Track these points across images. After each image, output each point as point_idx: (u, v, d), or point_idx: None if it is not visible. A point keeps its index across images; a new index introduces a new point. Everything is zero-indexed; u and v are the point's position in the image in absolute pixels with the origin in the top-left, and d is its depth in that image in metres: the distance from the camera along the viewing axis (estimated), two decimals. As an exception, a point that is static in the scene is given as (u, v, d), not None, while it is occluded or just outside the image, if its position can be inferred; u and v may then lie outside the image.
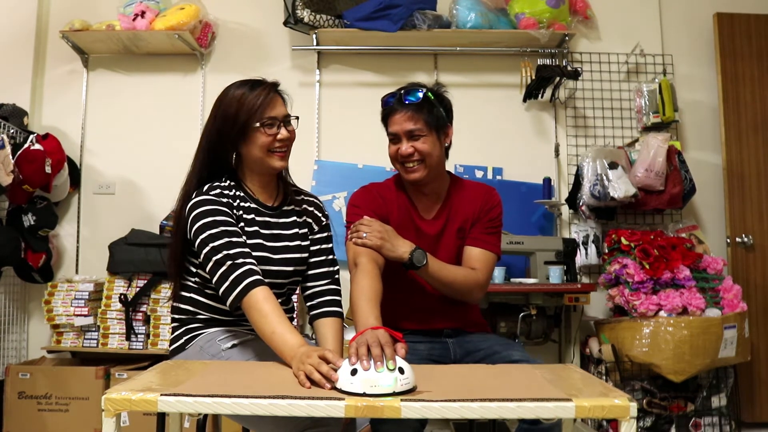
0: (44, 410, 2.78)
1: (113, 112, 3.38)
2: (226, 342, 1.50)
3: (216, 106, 1.57)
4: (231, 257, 1.43)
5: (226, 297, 1.42)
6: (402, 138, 1.70)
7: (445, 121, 1.75)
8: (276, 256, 1.56)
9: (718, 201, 3.34)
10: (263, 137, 1.52)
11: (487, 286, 1.79)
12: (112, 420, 1.04)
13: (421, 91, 1.70)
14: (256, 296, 1.39)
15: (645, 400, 2.70)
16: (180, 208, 1.56)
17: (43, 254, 3.06)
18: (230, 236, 1.46)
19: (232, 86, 1.56)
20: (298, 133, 1.63)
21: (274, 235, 1.58)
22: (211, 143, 1.56)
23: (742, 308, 2.71)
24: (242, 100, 1.51)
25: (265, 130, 1.51)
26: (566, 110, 3.40)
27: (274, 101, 1.54)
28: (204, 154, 1.58)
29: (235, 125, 1.51)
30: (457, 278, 1.70)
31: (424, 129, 1.69)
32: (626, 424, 1.02)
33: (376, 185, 1.85)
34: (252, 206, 1.58)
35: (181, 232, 1.53)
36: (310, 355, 1.19)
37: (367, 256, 1.61)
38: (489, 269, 1.77)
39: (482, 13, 3.19)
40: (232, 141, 1.53)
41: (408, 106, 1.69)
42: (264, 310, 1.37)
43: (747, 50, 3.35)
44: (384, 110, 1.76)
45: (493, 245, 1.78)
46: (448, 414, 1.02)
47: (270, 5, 3.37)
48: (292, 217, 1.64)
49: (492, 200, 1.81)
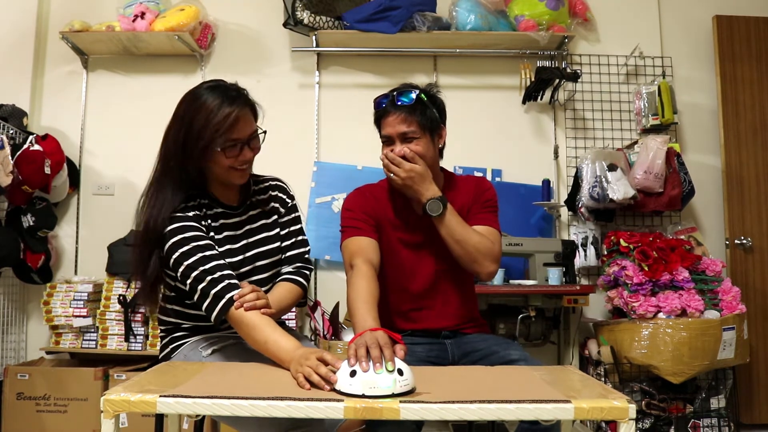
0: (43, 411, 2.77)
1: (113, 113, 3.38)
2: (207, 349, 1.51)
3: (183, 110, 1.47)
4: (208, 272, 1.41)
5: (210, 313, 1.42)
6: (395, 140, 1.69)
7: (438, 122, 1.73)
8: (250, 253, 1.57)
9: (717, 203, 3.34)
10: (224, 159, 1.47)
11: (500, 260, 1.74)
12: (111, 421, 1.04)
13: (414, 92, 1.67)
14: (237, 312, 1.38)
15: (644, 401, 2.70)
16: (148, 221, 1.47)
17: (42, 255, 3.06)
18: (203, 251, 1.44)
19: (204, 92, 1.47)
20: (298, 135, 1.63)
21: (243, 234, 1.58)
22: (174, 156, 1.48)
23: (741, 310, 2.71)
24: (209, 119, 1.43)
25: (227, 153, 1.46)
26: (565, 112, 3.40)
27: (242, 120, 1.46)
28: (168, 166, 1.50)
29: (196, 146, 1.44)
30: (472, 239, 1.66)
31: (418, 131, 1.67)
32: (625, 426, 1.02)
33: (369, 186, 1.84)
34: (218, 211, 1.56)
35: (150, 249, 1.47)
36: (308, 357, 1.19)
37: (362, 257, 1.61)
38: (499, 242, 1.74)
39: (482, 15, 3.19)
40: (194, 159, 1.46)
41: (401, 108, 1.67)
42: (251, 322, 1.37)
43: (746, 53, 3.35)
44: (376, 113, 1.73)
45: (495, 222, 1.77)
46: (447, 415, 1.02)
47: (270, 7, 3.37)
48: (256, 209, 1.63)
49: (483, 185, 1.82)
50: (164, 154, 1.51)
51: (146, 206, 1.51)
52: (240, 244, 1.57)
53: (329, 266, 3.25)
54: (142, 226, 1.49)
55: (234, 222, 1.58)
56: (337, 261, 3.05)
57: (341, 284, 1.72)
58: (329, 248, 3.09)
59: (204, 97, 1.46)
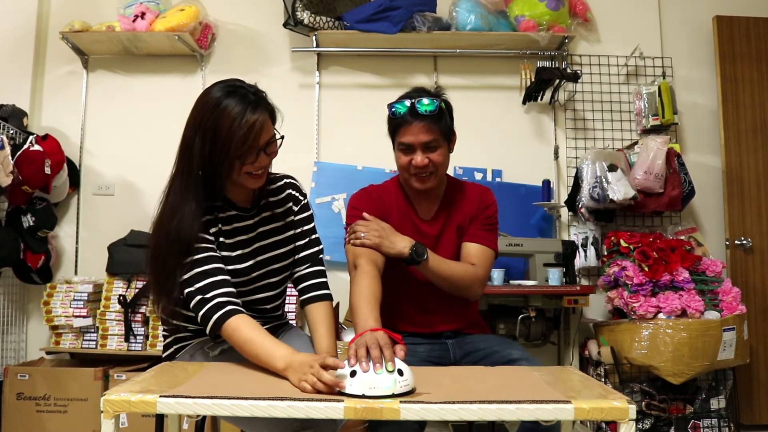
0: (43, 411, 2.77)
1: (113, 113, 3.38)
2: (214, 349, 1.51)
3: (202, 118, 1.41)
4: (200, 291, 1.40)
5: (204, 328, 1.41)
6: (417, 149, 1.67)
7: (452, 130, 1.75)
8: (261, 257, 1.55)
9: (717, 203, 3.34)
10: (241, 167, 1.45)
11: (486, 281, 1.78)
12: (111, 421, 1.04)
13: (436, 100, 1.66)
14: (227, 330, 1.37)
15: (644, 402, 2.70)
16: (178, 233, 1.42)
17: (42, 255, 3.06)
18: (201, 265, 1.42)
19: (223, 97, 1.41)
20: (298, 135, 1.63)
21: (255, 237, 1.56)
22: (201, 167, 1.43)
23: (741, 310, 2.71)
24: (233, 129, 1.38)
25: (245, 161, 1.44)
26: (566, 112, 3.40)
27: (264, 129, 1.44)
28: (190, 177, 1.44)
29: (224, 157, 1.40)
30: (457, 273, 1.69)
31: (440, 139, 1.67)
32: (625, 426, 1.02)
33: (375, 187, 1.85)
34: (231, 214, 1.53)
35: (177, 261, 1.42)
36: (311, 365, 1.16)
37: (366, 257, 1.61)
38: (488, 265, 1.77)
39: (482, 15, 3.20)
40: (219, 169, 1.43)
41: (423, 117, 1.65)
42: (240, 339, 1.34)
43: (746, 53, 3.36)
44: (395, 120, 1.70)
45: (491, 242, 1.78)
46: (447, 416, 1.02)
47: (270, 7, 3.37)
48: (270, 210, 1.61)
49: (488, 199, 1.82)
50: (186, 165, 1.45)
51: (173, 218, 1.43)
52: (251, 248, 1.55)
53: (329, 266, 3.18)
54: (167, 237, 1.42)
55: (246, 225, 1.56)
56: (336, 261, 3.04)
57: (341, 284, 1.72)
58: (329, 248, 3.06)
59: (224, 103, 1.40)
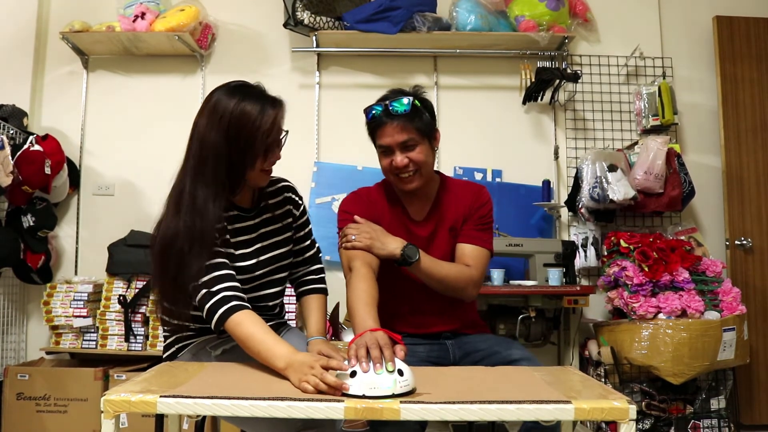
0: (43, 411, 2.77)
1: (113, 114, 3.37)
2: (216, 349, 1.51)
3: (220, 119, 1.42)
4: (205, 285, 1.40)
5: (209, 323, 1.41)
6: (395, 150, 1.66)
7: (432, 126, 1.72)
8: (264, 257, 1.56)
9: (717, 203, 3.34)
10: (262, 163, 1.47)
11: (481, 282, 1.76)
12: (111, 421, 1.04)
13: (407, 98, 1.64)
14: (230, 325, 1.37)
15: (644, 402, 2.70)
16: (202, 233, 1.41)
17: (42, 255, 3.06)
18: (206, 259, 1.41)
19: (237, 97, 1.43)
20: (298, 135, 1.62)
21: (257, 237, 1.57)
22: (224, 168, 1.44)
23: (741, 311, 2.71)
24: (255, 126, 1.41)
25: (268, 156, 1.47)
26: (566, 113, 3.40)
27: (281, 122, 1.48)
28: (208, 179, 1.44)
29: (247, 154, 1.42)
30: (450, 274, 1.68)
31: (417, 138, 1.66)
32: (625, 427, 1.02)
33: (365, 190, 1.83)
34: (233, 214, 1.54)
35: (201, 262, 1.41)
36: (312, 366, 1.16)
37: (361, 259, 1.61)
38: (482, 266, 1.75)
39: (482, 15, 3.19)
40: (240, 167, 1.45)
41: (397, 117, 1.64)
42: (243, 334, 1.35)
43: (746, 53, 3.36)
44: (370, 123, 1.70)
45: (486, 242, 1.76)
46: (447, 416, 1.02)
47: (270, 7, 3.37)
48: (270, 212, 1.62)
49: (482, 197, 1.79)
50: (202, 166, 1.45)
51: (193, 220, 1.42)
52: (254, 248, 1.55)
53: (329, 266, 3.21)
54: (189, 235, 1.40)
55: (248, 225, 1.57)
56: (336, 261, 3.04)
57: (341, 285, 1.71)
58: (329, 248, 3.07)
59: (242, 103, 1.42)
